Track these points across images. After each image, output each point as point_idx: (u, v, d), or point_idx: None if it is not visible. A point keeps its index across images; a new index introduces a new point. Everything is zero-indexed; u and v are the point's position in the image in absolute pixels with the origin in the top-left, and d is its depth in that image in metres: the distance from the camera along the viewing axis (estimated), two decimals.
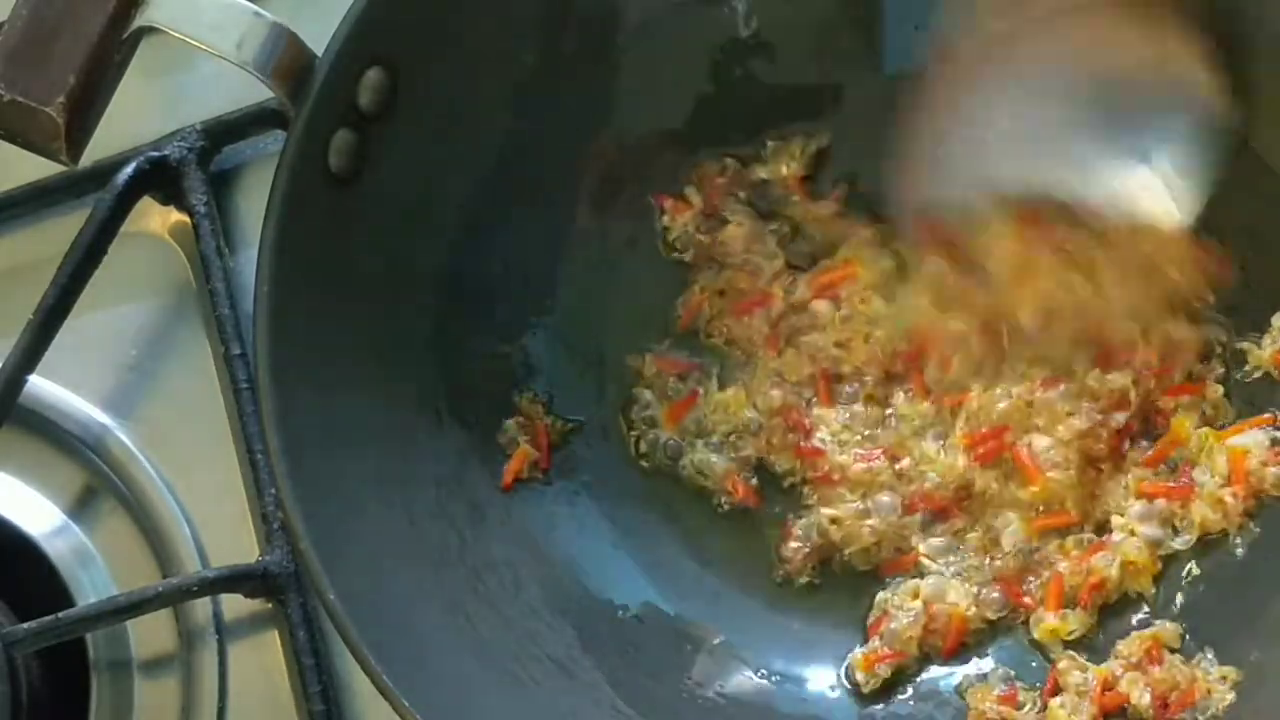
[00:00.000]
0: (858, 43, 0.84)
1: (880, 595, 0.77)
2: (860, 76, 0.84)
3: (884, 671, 0.75)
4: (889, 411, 0.80)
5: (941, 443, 0.79)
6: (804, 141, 0.84)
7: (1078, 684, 0.72)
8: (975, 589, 0.76)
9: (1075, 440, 0.76)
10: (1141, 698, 0.71)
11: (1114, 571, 0.74)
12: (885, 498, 0.78)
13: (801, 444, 0.80)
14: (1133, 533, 0.74)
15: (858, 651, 0.76)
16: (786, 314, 0.82)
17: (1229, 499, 0.73)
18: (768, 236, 0.83)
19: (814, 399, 0.81)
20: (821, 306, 0.82)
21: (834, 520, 0.78)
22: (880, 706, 0.76)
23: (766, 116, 0.85)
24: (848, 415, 0.80)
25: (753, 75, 0.85)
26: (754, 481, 0.81)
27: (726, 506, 0.81)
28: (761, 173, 0.84)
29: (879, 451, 0.79)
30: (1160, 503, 0.75)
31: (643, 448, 0.82)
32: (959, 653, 0.76)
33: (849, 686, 0.76)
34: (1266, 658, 0.70)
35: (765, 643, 0.78)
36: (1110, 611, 0.75)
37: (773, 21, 0.84)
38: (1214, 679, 0.70)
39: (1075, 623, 0.74)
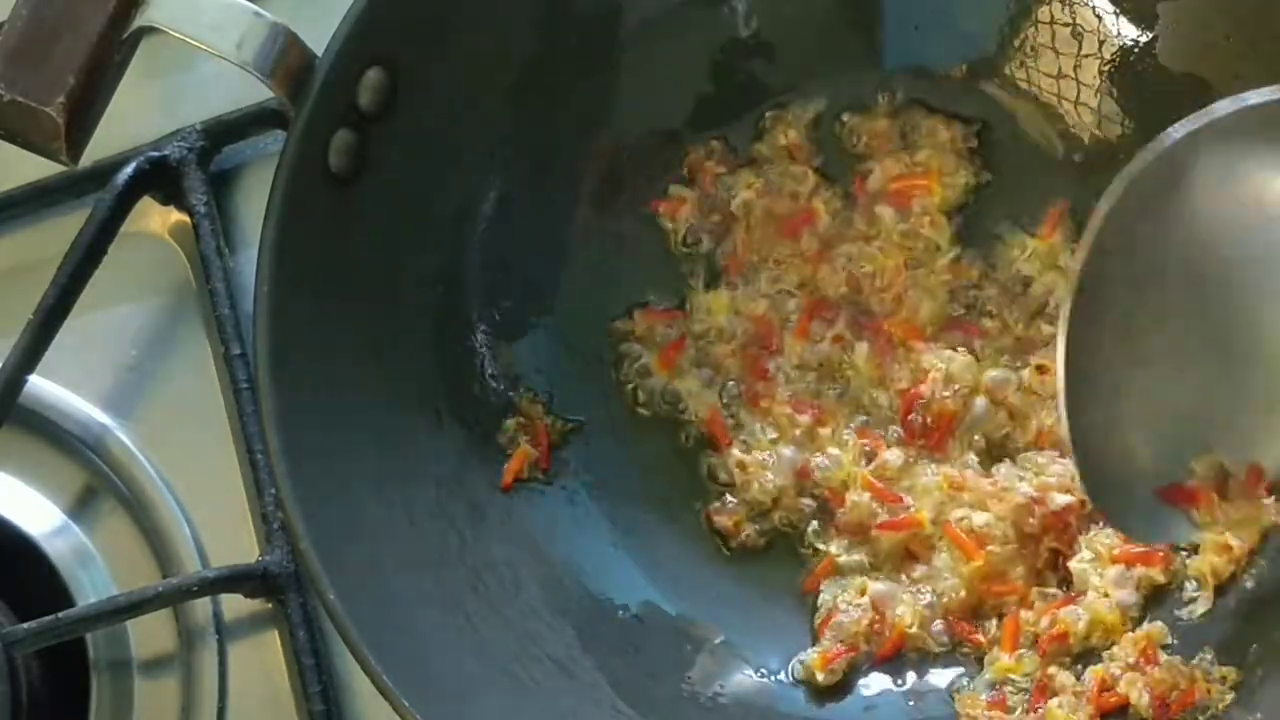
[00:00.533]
0: (858, 43, 0.84)
1: (824, 595, 0.78)
2: (860, 76, 0.84)
3: (840, 667, 0.76)
4: (846, 360, 0.81)
5: (849, 455, 0.79)
6: (801, 108, 0.84)
7: (1072, 686, 0.72)
8: (925, 611, 0.76)
9: (1010, 516, 0.76)
10: (1141, 698, 0.71)
11: (1081, 626, 0.74)
12: (788, 451, 0.79)
13: (759, 362, 0.81)
14: (1107, 595, 0.74)
15: (812, 651, 0.76)
16: (834, 228, 0.83)
17: (1234, 543, 0.72)
18: (784, 166, 0.84)
19: (793, 321, 0.81)
20: (886, 213, 0.82)
21: (739, 465, 0.79)
22: (879, 704, 0.76)
23: (766, 116, 0.85)
24: (811, 352, 0.81)
25: (753, 75, 0.85)
26: (729, 422, 0.81)
27: (692, 442, 0.81)
28: (762, 148, 0.84)
29: (811, 409, 0.80)
30: (1138, 569, 0.74)
31: (640, 397, 0.82)
32: (896, 661, 0.76)
33: (800, 682, 0.77)
34: (1267, 658, 0.70)
35: (765, 642, 0.78)
36: None
37: (773, 21, 0.84)
38: (1214, 679, 0.70)
39: (1031, 665, 0.74)
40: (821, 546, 0.79)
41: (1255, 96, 0.65)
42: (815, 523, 0.79)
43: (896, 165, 0.83)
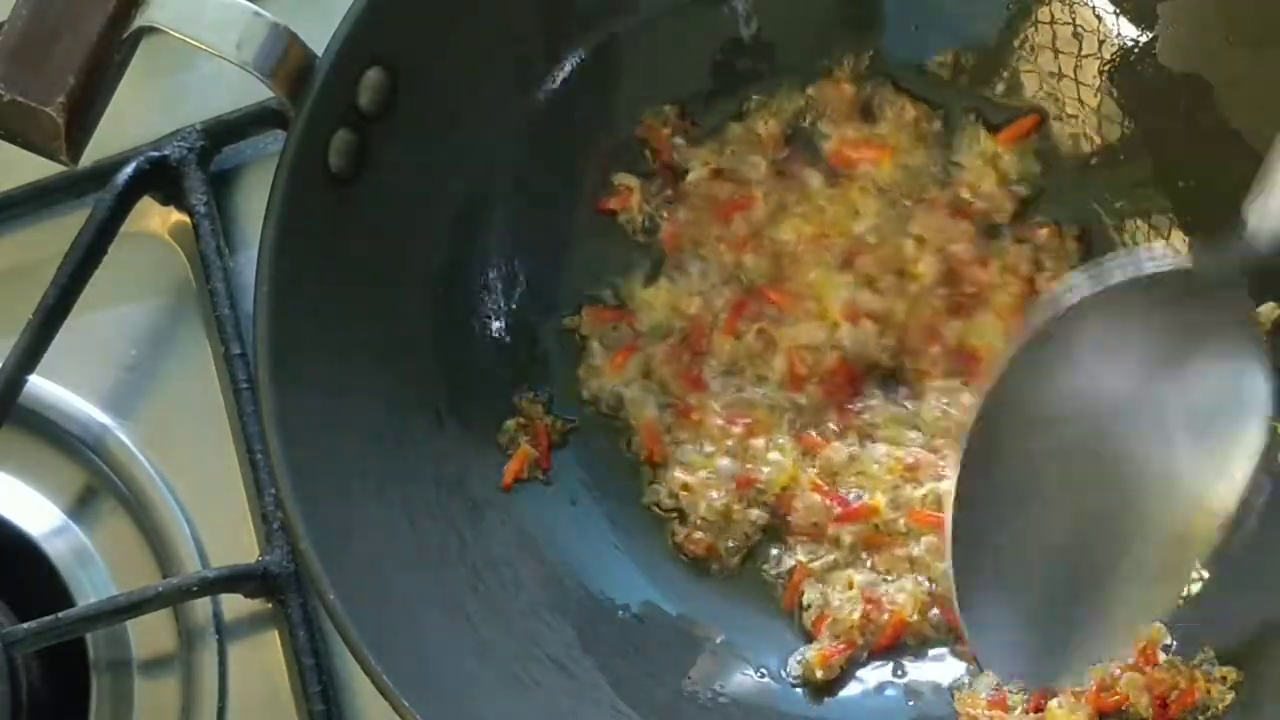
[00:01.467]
0: (858, 43, 0.84)
1: (809, 595, 0.77)
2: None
3: (838, 664, 0.76)
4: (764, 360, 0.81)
5: (790, 457, 0.79)
6: (786, 99, 0.84)
7: (1072, 686, 0.72)
8: (925, 598, 0.76)
9: None
10: (1141, 698, 0.71)
11: None
12: (725, 463, 0.79)
13: (691, 370, 0.81)
14: None
15: (810, 650, 0.76)
16: (767, 214, 0.83)
17: None
18: (744, 154, 0.84)
19: (721, 316, 0.81)
20: (814, 180, 0.82)
21: (684, 487, 0.79)
22: (879, 703, 0.76)
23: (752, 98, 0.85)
24: (742, 349, 0.81)
25: (753, 75, 0.85)
26: (666, 437, 0.81)
27: (640, 456, 0.81)
28: (736, 128, 0.84)
29: (743, 422, 0.80)
30: None
31: (585, 395, 0.82)
32: (896, 661, 0.76)
33: (799, 680, 0.76)
34: (1267, 658, 0.70)
35: (765, 642, 0.78)
36: None
37: (773, 22, 0.84)
38: (1214, 679, 0.70)
39: None
40: (790, 560, 0.78)
41: (1150, 264, 0.68)
42: (774, 551, 0.79)
43: (854, 132, 0.83)
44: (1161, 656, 0.72)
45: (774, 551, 0.79)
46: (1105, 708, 0.71)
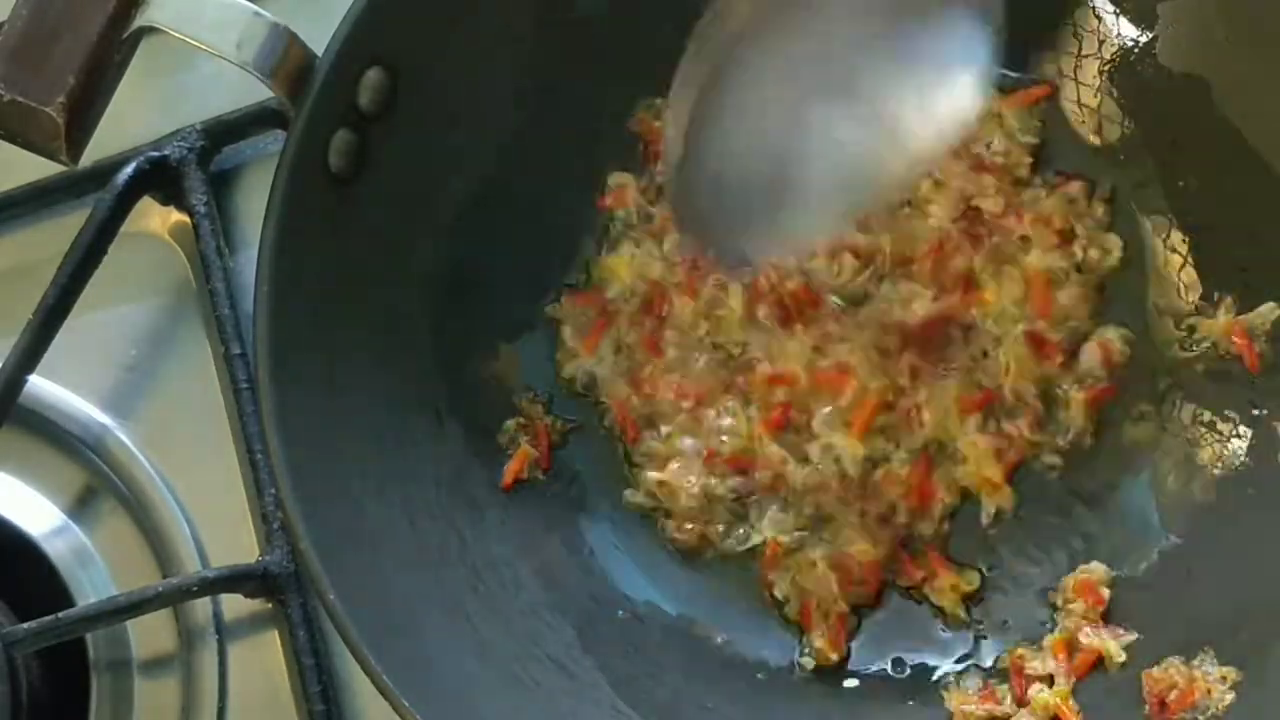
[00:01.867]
0: None
1: (780, 589, 0.78)
2: None
3: (842, 641, 0.76)
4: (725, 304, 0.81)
5: (742, 410, 0.79)
6: None
7: (1040, 658, 0.73)
8: (878, 530, 0.77)
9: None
10: (1104, 643, 0.72)
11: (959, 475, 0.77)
12: (688, 441, 0.79)
13: (652, 335, 0.81)
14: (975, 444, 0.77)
15: (815, 639, 0.76)
16: None
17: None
18: None
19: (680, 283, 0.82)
20: None
21: (660, 484, 0.79)
22: (876, 702, 0.76)
23: None
24: (702, 303, 0.81)
25: None
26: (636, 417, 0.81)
27: (604, 430, 0.81)
28: None
29: (693, 393, 0.80)
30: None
31: (565, 374, 0.82)
32: (891, 660, 0.77)
33: (812, 672, 0.77)
34: (1267, 658, 0.70)
35: (765, 641, 0.78)
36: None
37: None
38: (1214, 679, 0.70)
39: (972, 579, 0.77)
40: (756, 537, 0.79)
41: None
42: (740, 531, 0.79)
43: None
44: (1105, 594, 0.73)
45: (740, 531, 0.79)
46: (1080, 671, 0.73)
